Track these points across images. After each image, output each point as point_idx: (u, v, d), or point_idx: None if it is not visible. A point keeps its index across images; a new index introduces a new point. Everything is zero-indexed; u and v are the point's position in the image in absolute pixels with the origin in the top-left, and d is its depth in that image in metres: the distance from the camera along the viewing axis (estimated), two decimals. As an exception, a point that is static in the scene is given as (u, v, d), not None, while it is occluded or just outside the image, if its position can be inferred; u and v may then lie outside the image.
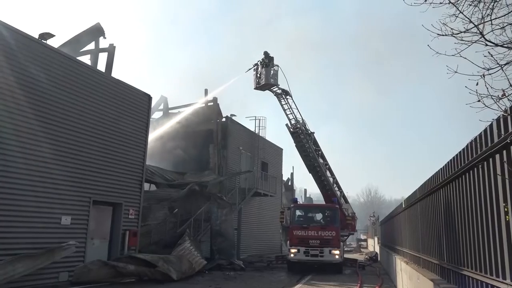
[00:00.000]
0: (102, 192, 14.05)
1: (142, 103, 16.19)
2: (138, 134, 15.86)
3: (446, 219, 6.89)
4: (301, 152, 25.16)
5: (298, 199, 23.79)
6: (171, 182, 21.22)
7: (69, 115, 12.95)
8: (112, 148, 14.57)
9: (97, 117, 14.04)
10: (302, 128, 24.68)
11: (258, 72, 25.19)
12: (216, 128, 24.25)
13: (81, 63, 13.85)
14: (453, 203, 6.35)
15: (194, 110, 25.65)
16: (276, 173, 31.60)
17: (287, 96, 25.27)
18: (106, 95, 14.47)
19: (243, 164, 26.73)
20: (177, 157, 23.53)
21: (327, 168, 25.59)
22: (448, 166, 6.56)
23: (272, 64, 25.10)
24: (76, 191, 13.06)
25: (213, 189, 22.15)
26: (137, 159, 15.76)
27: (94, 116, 13.91)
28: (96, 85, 14.08)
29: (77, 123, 13.22)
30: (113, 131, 14.67)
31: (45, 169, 12.09)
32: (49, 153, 12.23)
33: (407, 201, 11.96)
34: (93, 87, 13.96)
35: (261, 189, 26.91)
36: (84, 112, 13.50)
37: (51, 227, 12.16)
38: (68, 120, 12.92)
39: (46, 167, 12.12)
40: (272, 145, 31.73)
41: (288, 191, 44.69)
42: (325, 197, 25.41)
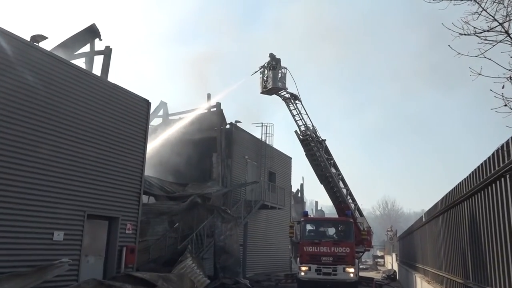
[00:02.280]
0: (97, 205, 14.08)
1: (140, 109, 16.27)
2: (136, 142, 15.92)
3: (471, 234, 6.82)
4: (312, 161, 25.09)
5: (309, 212, 23.70)
6: (171, 194, 21.22)
7: (61, 122, 13.02)
8: (108, 158, 14.62)
9: (92, 124, 14.11)
10: (312, 135, 24.65)
11: (264, 75, 25.28)
12: (219, 136, 24.29)
13: (75, 67, 13.96)
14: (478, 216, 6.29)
15: (196, 116, 25.72)
16: (284, 184, 31.51)
17: (296, 101, 25.29)
18: (101, 100, 14.56)
19: (249, 174, 26.70)
20: (178, 167, 23.56)
21: (340, 178, 25.49)
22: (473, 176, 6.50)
23: (280, 66, 25.17)
24: (69, 204, 13.09)
25: (216, 202, 22.12)
26: (135, 169, 15.79)
27: (89, 123, 13.99)
28: (91, 90, 14.18)
29: (70, 130, 13.29)
30: (109, 139, 14.73)
31: (35, 180, 12.13)
32: (40, 163, 12.29)
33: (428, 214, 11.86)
34: (88, 92, 14.06)
35: (269, 201, 26.83)
36: (77, 119, 13.58)
37: (42, 243, 12.18)
38: (60, 127, 13.00)
39: (36, 178, 12.16)
40: (280, 153, 31.69)
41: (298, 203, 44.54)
42: (338, 210, 25.26)
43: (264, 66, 25.49)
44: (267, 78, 25.21)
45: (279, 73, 25.06)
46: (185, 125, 24.99)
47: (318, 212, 57.59)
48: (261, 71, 25.65)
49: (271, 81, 24.82)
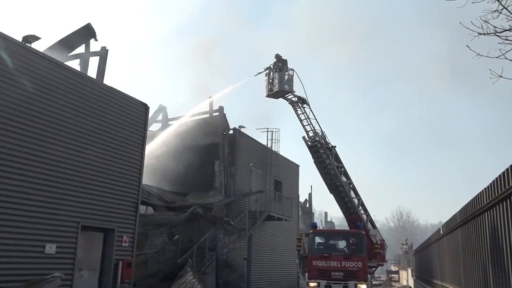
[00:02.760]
0: (92, 216, 14.11)
1: (138, 113, 16.33)
2: (133, 149, 15.96)
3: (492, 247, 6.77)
4: (321, 169, 25.06)
5: (318, 224, 23.61)
6: (171, 204, 21.22)
7: (53, 127, 13.09)
8: (103, 165, 14.66)
9: (86, 130, 14.17)
10: (321, 142, 24.64)
11: (270, 78, 25.32)
12: (222, 142, 24.32)
13: (69, 69, 14.05)
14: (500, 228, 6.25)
15: (197, 121, 25.79)
16: (291, 194, 31.44)
17: (304, 105, 25.32)
18: (97, 104, 14.63)
19: (253, 183, 26.66)
20: (178, 176, 23.57)
21: (351, 187, 25.44)
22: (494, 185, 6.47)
23: (286, 68, 25.23)
24: (62, 214, 13.12)
25: (219, 213, 22.09)
26: (132, 178, 15.82)
27: (83, 128, 14.05)
28: (85, 93, 14.26)
29: (62, 136, 13.35)
30: (104, 146, 14.78)
31: (25, 189, 12.17)
32: (30, 170, 12.34)
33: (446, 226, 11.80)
34: (83, 96, 14.14)
35: (275, 212, 26.76)
36: (71, 124, 13.64)
37: (33, 256, 12.21)
38: (52, 133, 13.06)
39: (26, 187, 12.20)
40: (287, 161, 31.66)
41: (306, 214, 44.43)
42: (349, 222, 25.18)
43: (270, 67, 25.54)
44: (272, 81, 25.27)
45: (285, 75, 25.11)
46: (186, 131, 25.04)
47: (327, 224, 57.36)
48: (266, 72, 25.69)
49: (277, 83, 24.88)
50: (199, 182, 24.13)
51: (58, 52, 15.65)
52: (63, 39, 16.76)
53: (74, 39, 17.03)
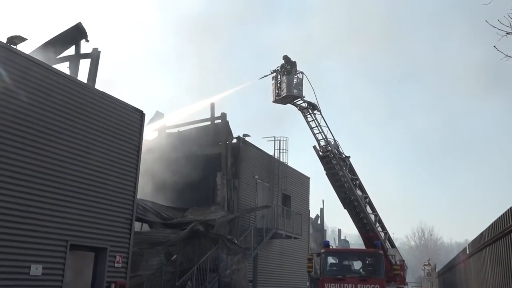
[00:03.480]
0: (82, 234, 14.10)
1: (132, 121, 16.38)
2: (127, 160, 15.99)
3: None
4: (333, 181, 24.99)
5: (331, 243, 23.50)
6: (169, 220, 21.20)
7: (40, 136, 13.13)
8: (94, 178, 14.68)
9: (76, 139, 14.21)
10: (334, 151, 24.60)
11: (277, 82, 25.35)
12: (225, 152, 24.32)
13: (57, 72, 14.12)
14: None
15: (197, 129, 25.82)
16: (301, 209, 31.35)
17: (315, 111, 25.32)
18: (87, 111, 14.68)
19: (259, 198, 26.61)
20: (176, 189, 23.56)
21: (367, 202, 25.33)
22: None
23: (295, 70, 25.26)
24: (49, 232, 13.12)
25: (221, 230, 22.03)
26: (126, 192, 15.83)
27: (72, 137, 14.09)
28: (75, 99, 14.32)
29: (49, 146, 13.38)
30: (95, 157, 14.81)
31: (7, 205, 12.18)
32: (15, 184, 12.36)
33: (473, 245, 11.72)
34: (72, 101, 14.19)
35: (283, 229, 26.67)
36: (59, 133, 13.68)
37: (17, 278, 12.19)
38: (39, 142, 13.09)
39: (8, 202, 12.21)
40: (296, 173, 31.61)
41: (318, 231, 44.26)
42: (365, 240, 25.03)
43: (277, 70, 25.57)
44: (280, 84, 25.30)
45: (294, 78, 25.13)
46: (185, 140, 25.07)
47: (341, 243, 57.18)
48: (273, 75, 25.71)
49: (285, 87, 24.91)
50: (200, 196, 24.10)
51: (45, 54, 15.75)
52: (51, 40, 16.86)
53: (63, 40, 17.14)
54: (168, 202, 23.20)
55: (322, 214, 47.02)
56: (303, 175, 32.95)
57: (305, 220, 32.08)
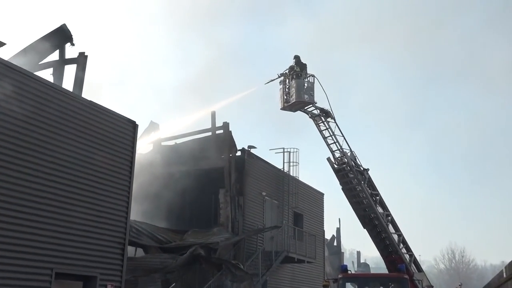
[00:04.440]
0: (68, 261, 14.05)
1: (124, 133, 16.38)
2: (119, 176, 15.96)
3: None
4: (351, 198, 24.92)
5: (349, 267, 23.33)
6: (166, 244, 21.12)
7: (21, 152, 13.11)
8: (82, 198, 14.64)
9: (61, 154, 14.20)
10: (351, 164, 24.54)
11: (286, 86, 25.37)
12: (228, 166, 24.27)
13: (40, 80, 14.16)
14: None
15: (196, 140, 25.81)
16: (315, 229, 31.21)
17: (328, 118, 25.32)
18: (73, 123, 14.68)
19: (267, 217, 26.51)
20: (174, 209, 23.52)
21: (389, 220, 25.21)
22: None
23: (305, 73, 25.28)
24: (32, 259, 13.07)
25: (225, 254, 21.94)
26: (118, 213, 15.78)
27: (56, 152, 14.08)
28: (60, 109, 14.32)
29: (33, 162, 13.38)
30: (83, 173, 14.79)
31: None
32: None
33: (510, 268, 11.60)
34: (56, 112, 14.19)
35: (295, 252, 26.53)
36: (43, 148, 13.68)
37: (-4, 311, 12.15)
38: (20, 159, 13.08)
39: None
40: (309, 188, 31.50)
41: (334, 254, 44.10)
42: (388, 264, 24.88)
43: (285, 73, 25.61)
44: (289, 90, 25.32)
45: (305, 82, 25.15)
46: (183, 153, 25.06)
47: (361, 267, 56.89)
48: (280, 80, 25.73)
49: (294, 93, 24.92)
50: (200, 216, 24.03)
51: (26, 60, 15.82)
52: (33, 44, 16.94)
53: (46, 44, 17.21)
54: (165, 224, 23.14)
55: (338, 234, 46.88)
56: (317, 191, 32.82)
57: (319, 241, 31.91)
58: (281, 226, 26.17)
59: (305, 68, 25.29)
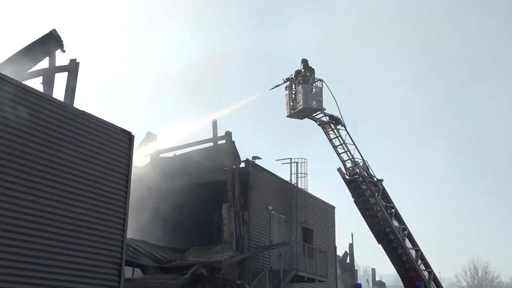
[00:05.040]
0: (60, 283, 13.98)
1: (119, 144, 16.35)
2: (114, 192, 15.92)
3: None
4: (364, 211, 24.85)
5: (363, 285, 23.23)
6: (165, 264, 21.07)
7: (7, 166, 13.09)
8: (73, 215, 14.57)
9: (51, 168, 14.15)
10: (363, 174, 24.49)
11: (292, 92, 25.36)
12: (231, 179, 24.23)
13: (28, 89, 14.15)
14: None
15: (197, 152, 25.78)
16: (326, 245, 31.09)
17: (338, 126, 25.29)
18: (64, 134, 14.65)
19: (274, 233, 26.43)
20: (174, 225, 23.46)
21: (405, 234, 25.12)
22: None
23: (313, 78, 25.29)
24: (20, 282, 13.04)
25: (229, 273, 21.86)
26: (114, 231, 15.73)
27: (46, 166, 14.04)
28: (50, 120, 14.30)
29: (21, 178, 13.34)
30: (75, 189, 14.74)
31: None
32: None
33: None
34: (46, 123, 14.17)
35: (304, 270, 26.43)
36: (30, 162, 13.62)
37: None
38: (6, 173, 13.06)
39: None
40: (318, 201, 31.40)
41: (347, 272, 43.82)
42: (405, 281, 24.78)
43: (291, 78, 25.62)
44: (295, 95, 25.31)
45: (312, 87, 25.15)
46: (183, 165, 25.04)
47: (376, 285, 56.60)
48: (286, 85, 25.74)
49: (301, 99, 24.92)
50: (202, 233, 24.00)
51: (14, 69, 15.86)
52: (21, 51, 16.99)
53: (35, 51, 17.26)
54: (164, 242, 23.09)
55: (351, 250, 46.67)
56: (327, 204, 32.70)
57: (331, 258, 31.77)
58: (290, 243, 26.11)
59: (313, 72, 25.30)
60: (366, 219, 25.01)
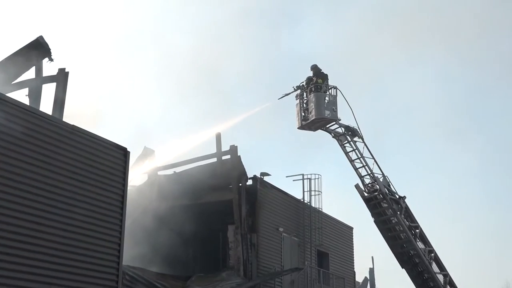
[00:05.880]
0: (50, 316, 13.98)
1: (114, 161, 16.35)
2: (108, 214, 15.89)
3: None
4: (385, 232, 24.73)
5: (386, 315, 23.08)
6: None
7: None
8: (64, 241, 14.54)
9: (38, 189, 14.13)
10: (383, 191, 24.37)
11: (303, 101, 25.34)
12: (237, 198, 24.17)
13: (12, 102, 14.19)
14: None
15: (199, 169, 25.74)
16: (344, 270, 31.02)
17: (355, 138, 25.22)
18: (53, 151, 14.64)
19: (286, 257, 26.33)
20: (174, 250, 23.42)
21: (432, 258, 24.97)
22: None
23: (327, 85, 25.26)
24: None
25: (237, 303, 21.78)
26: (108, 257, 15.69)
27: (33, 187, 14.01)
28: (37, 136, 14.31)
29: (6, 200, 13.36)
30: (65, 211, 14.71)
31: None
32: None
33: None
34: (33, 139, 14.18)
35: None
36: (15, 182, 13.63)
37: None
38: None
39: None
40: (334, 222, 31.31)
41: (367, 300, 43.54)
42: (433, 309, 24.57)
43: (302, 86, 25.61)
44: (307, 105, 25.28)
45: (326, 95, 25.12)
46: (184, 184, 25.02)
47: (400, 314, 56.12)
48: (297, 93, 25.71)
49: (314, 109, 24.89)
50: (206, 258, 23.95)
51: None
52: (3, 61, 17.03)
53: (19, 60, 17.29)
54: (164, 269, 23.04)
55: (372, 276, 46.21)
56: (344, 225, 32.59)
57: (349, 285, 31.77)
58: (303, 268, 26.02)
59: (326, 79, 25.24)
60: (388, 241, 24.86)
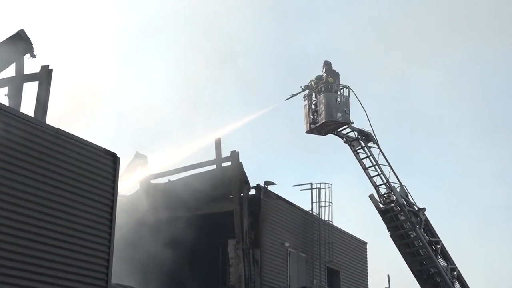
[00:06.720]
0: None
1: (102, 169, 16.34)
2: (95, 226, 15.87)
3: None
4: (402, 247, 24.69)
5: None
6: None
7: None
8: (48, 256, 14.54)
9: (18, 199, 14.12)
10: (401, 202, 24.33)
11: (311, 102, 25.31)
12: (239, 209, 24.15)
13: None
14: None
15: (197, 177, 25.72)
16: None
17: (369, 143, 25.18)
18: (35, 157, 14.65)
19: (293, 275, 26.32)
20: (169, 267, 23.41)
21: (455, 276, 24.90)
22: None
23: (338, 85, 25.24)
24: None
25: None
26: (95, 275, 15.68)
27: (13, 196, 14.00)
28: (17, 140, 14.30)
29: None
30: (49, 224, 14.69)
31: None
32: None
33: None
34: (11, 143, 14.17)
35: (331, 322, 26.31)
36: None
37: None
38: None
39: None
40: (346, 236, 31.28)
41: (382, 323, 43.46)
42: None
43: (310, 85, 25.59)
44: (316, 106, 25.25)
45: (337, 96, 25.10)
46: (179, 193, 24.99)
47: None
48: (305, 94, 25.69)
49: (323, 111, 24.86)
50: (204, 276, 23.92)
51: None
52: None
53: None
54: (157, 287, 23.02)
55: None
56: (357, 239, 32.54)
57: (363, 306, 31.65)
58: (312, 287, 25.96)
59: (337, 78, 25.22)
60: (406, 258, 24.82)
